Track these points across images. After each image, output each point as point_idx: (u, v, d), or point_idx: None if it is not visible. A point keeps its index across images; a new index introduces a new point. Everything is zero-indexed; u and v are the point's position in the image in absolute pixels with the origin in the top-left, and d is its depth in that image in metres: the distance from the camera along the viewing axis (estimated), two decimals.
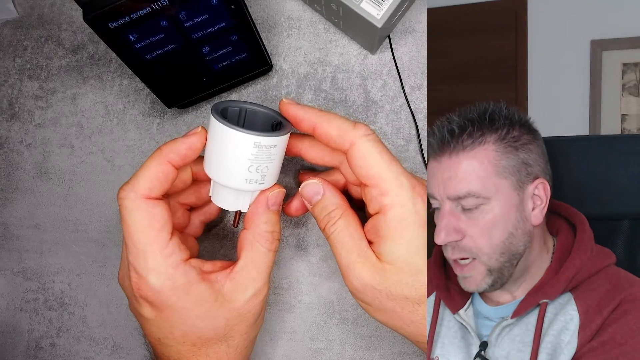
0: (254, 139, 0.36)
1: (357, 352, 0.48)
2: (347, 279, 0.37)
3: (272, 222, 0.39)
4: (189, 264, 0.37)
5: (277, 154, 0.38)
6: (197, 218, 0.45)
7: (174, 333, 0.38)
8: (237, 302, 0.38)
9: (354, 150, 0.36)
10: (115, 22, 0.36)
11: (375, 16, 0.43)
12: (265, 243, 0.38)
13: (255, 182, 0.37)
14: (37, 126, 0.51)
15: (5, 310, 0.50)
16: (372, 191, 0.36)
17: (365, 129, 0.37)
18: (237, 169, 0.37)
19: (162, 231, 0.36)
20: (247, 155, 0.36)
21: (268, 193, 0.39)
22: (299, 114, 0.38)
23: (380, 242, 0.36)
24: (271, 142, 0.36)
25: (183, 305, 0.37)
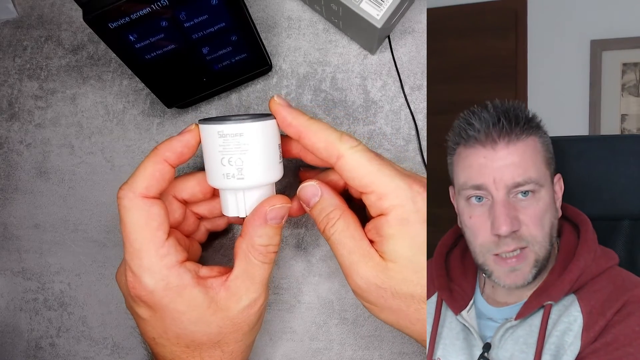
0: (217, 128, 0.36)
1: (357, 352, 0.48)
2: (351, 279, 0.37)
3: (269, 236, 0.38)
4: (184, 266, 0.37)
5: (249, 144, 0.36)
6: (204, 225, 0.45)
7: (167, 334, 0.38)
8: (231, 311, 0.38)
9: (343, 163, 0.36)
10: (115, 22, 0.36)
11: (375, 16, 0.43)
12: (258, 256, 0.38)
13: (234, 177, 0.37)
14: (37, 126, 0.51)
15: (5, 310, 0.50)
16: (370, 197, 0.36)
17: (351, 140, 0.36)
18: (213, 164, 0.37)
19: (158, 230, 0.36)
20: (216, 147, 0.36)
21: (268, 207, 0.38)
22: (287, 118, 0.37)
23: (382, 241, 0.36)
24: (235, 130, 0.36)
25: (176, 308, 0.37)
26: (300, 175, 0.46)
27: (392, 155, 0.49)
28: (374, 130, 0.49)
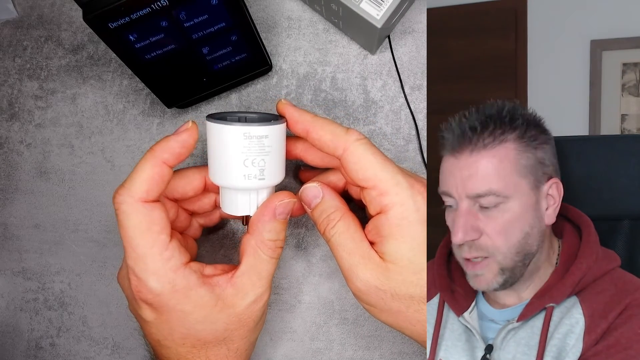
0: (242, 129, 0.36)
1: (357, 352, 0.48)
2: (350, 281, 0.37)
3: (277, 231, 0.38)
4: (189, 268, 0.37)
5: (272, 146, 0.37)
6: (197, 221, 0.45)
7: (173, 335, 0.38)
8: (238, 307, 0.38)
9: (348, 155, 0.37)
10: (115, 22, 0.36)
11: (375, 16, 0.43)
12: (267, 251, 0.38)
13: (255, 178, 0.37)
14: (37, 126, 0.51)
15: (5, 310, 0.50)
16: (370, 193, 0.36)
17: (357, 134, 0.37)
18: (234, 165, 0.37)
19: (161, 234, 0.36)
20: (240, 149, 0.36)
21: (277, 202, 0.38)
22: (295, 115, 0.38)
23: (382, 242, 0.36)
24: (261, 132, 0.36)
25: (183, 309, 0.36)
26: (300, 175, 0.47)
27: (392, 155, 0.49)
28: (374, 130, 0.49)
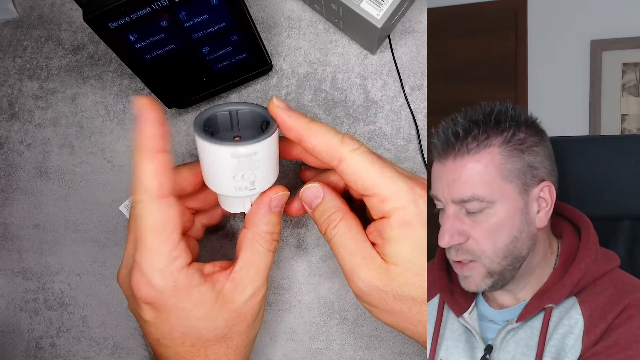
0: (230, 150, 0.34)
1: (357, 352, 0.48)
2: (352, 281, 0.37)
3: (273, 223, 0.39)
4: (191, 268, 0.37)
5: (262, 159, 0.36)
6: (200, 221, 0.44)
7: (173, 334, 0.38)
8: (237, 302, 0.38)
9: (345, 166, 0.36)
10: (115, 22, 0.36)
11: (375, 16, 0.43)
12: (264, 243, 0.38)
13: (246, 189, 0.37)
14: (37, 126, 0.51)
15: (5, 310, 0.50)
16: (372, 200, 0.36)
17: (352, 143, 0.36)
18: (223, 179, 0.36)
19: (173, 233, 0.36)
20: (228, 166, 0.35)
21: (272, 194, 0.39)
22: (287, 123, 0.36)
23: (384, 244, 0.36)
24: (250, 151, 0.35)
25: (183, 307, 0.37)
26: (300, 174, 0.46)
27: (393, 155, 0.49)
28: (374, 130, 0.49)
